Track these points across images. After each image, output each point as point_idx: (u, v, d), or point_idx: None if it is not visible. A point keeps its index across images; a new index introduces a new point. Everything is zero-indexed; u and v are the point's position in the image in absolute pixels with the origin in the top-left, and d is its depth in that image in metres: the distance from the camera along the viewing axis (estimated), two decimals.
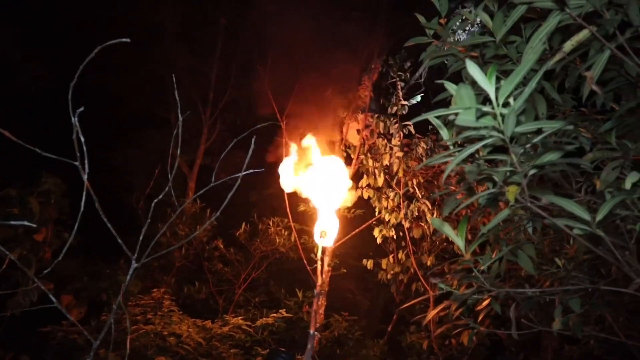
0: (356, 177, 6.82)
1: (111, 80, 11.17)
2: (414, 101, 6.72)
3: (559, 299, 1.86)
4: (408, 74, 6.89)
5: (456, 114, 1.13)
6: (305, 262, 7.06)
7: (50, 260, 7.71)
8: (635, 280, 1.45)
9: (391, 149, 6.49)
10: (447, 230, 1.47)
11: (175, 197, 2.25)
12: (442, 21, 2.32)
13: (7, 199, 6.05)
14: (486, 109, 1.11)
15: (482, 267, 1.81)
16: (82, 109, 1.61)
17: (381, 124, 6.64)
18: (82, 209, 1.64)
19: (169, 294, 6.09)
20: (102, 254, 8.67)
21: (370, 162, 6.53)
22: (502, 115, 1.15)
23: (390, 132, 6.64)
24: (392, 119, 6.64)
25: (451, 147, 1.32)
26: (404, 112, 6.69)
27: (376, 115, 6.69)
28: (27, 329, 6.06)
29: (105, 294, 6.98)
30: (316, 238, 5.35)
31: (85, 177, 1.81)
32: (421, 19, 2.38)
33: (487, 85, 1.11)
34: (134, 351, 5.40)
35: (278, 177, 7.11)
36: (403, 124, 6.65)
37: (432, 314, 2.10)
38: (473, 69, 1.11)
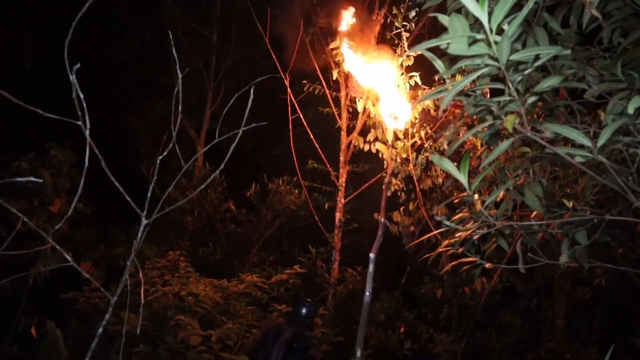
0: (364, 131, 6.81)
1: (114, 51, 11.13)
2: (419, 51, 6.58)
3: (566, 232, 1.86)
4: (413, 24, 6.75)
5: (449, 45, 1.11)
6: (317, 218, 7.13)
7: (68, 230, 7.87)
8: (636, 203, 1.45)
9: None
10: (448, 165, 1.47)
11: (184, 161, 2.25)
12: None
13: (19, 172, 6.13)
14: (479, 36, 1.09)
15: (487, 204, 1.81)
16: (78, 65, 1.60)
17: None
18: (86, 164, 1.65)
19: (184, 256, 6.20)
20: (117, 221, 8.84)
21: (378, 114, 6.48)
22: (497, 43, 1.13)
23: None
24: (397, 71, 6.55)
25: (448, 81, 1.31)
26: (410, 64, 6.58)
27: None
28: (50, 297, 6.24)
29: (123, 260, 7.13)
30: (386, 120, 5.01)
31: (87, 134, 1.82)
32: None
33: (479, 11, 1.08)
34: (154, 312, 5.54)
35: (283, 137, 7.11)
36: (409, 75, 6.56)
37: (438, 250, 2.12)
38: None
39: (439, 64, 1.29)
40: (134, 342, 5.14)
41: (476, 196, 1.56)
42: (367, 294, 2.96)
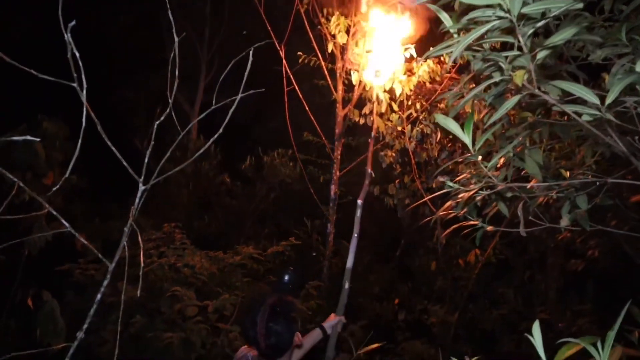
0: (359, 105, 6.76)
1: (106, 24, 10.95)
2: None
3: (567, 195, 1.86)
4: None
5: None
6: (313, 191, 7.12)
7: (63, 203, 7.83)
8: None
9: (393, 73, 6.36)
10: (452, 125, 1.45)
11: (178, 135, 2.22)
12: None
13: (10, 144, 6.06)
14: None
15: (490, 165, 1.81)
16: (74, 22, 1.56)
17: None
18: (83, 124, 1.62)
19: (179, 227, 6.19)
20: (111, 195, 8.80)
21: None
22: None
23: None
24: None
25: (455, 36, 1.28)
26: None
27: None
28: (45, 269, 6.24)
29: (118, 233, 7.11)
30: (370, 76, 5.30)
31: (84, 95, 1.78)
32: None
33: None
34: (150, 284, 5.56)
35: (278, 110, 7.05)
36: (404, 47, 6.49)
37: (439, 213, 2.12)
38: None
39: (445, 17, 1.27)
40: (131, 313, 5.16)
41: (479, 157, 1.55)
42: (355, 235, 3.25)
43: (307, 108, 6.68)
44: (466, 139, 1.52)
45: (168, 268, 5.58)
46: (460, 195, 1.81)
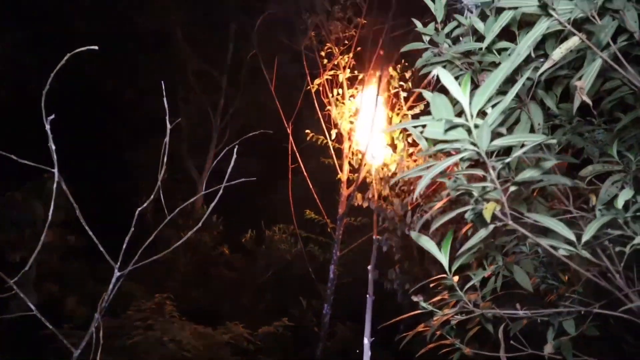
0: (363, 187, 6.75)
1: (123, 89, 11.28)
2: (417, 110, 6.60)
3: (552, 320, 1.76)
4: (410, 83, 6.78)
5: (424, 129, 1.06)
6: (311, 270, 6.99)
7: (58, 263, 7.74)
8: (634, 303, 1.36)
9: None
10: (428, 244, 1.39)
11: (185, 202, 2.21)
12: (438, 27, 2.23)
13: (12, 203, 6.09)
14: (458, 120, 1.03)
15: (474, 282, 1.73)
16: (52, 116, 1.58)
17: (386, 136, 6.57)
18: (49, 217, 1.59)
19: (171, 299, 6.04)
20: (109, 256, 8.67)
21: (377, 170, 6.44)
22: (477, 127, 1.07)
23: (395, 142, 6.56)
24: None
25: (429, 160, 1.25)
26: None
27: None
28: (28, 333, 6.06)
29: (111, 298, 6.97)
30: (369, 157, 6.28)
31: (63, 184, 1.80)
32: (418, 24, 2.30)
33: (460, 95, 1.03)
34: (135, 357, 5.37)
35: (284, 181, 7.07)
36: (406, 133, 6.55)
37: (411, 333, 2.01)
38: (445, 77, 1.04)
39: (423, 143, 1.24)
40: None
41: (456, 278, 1.47)
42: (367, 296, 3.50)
43: (311, 187, 6.67)
44: (443, 259, 1.45)
45: (154, 342, 5.40)
46: (435, 319, 1.72)
